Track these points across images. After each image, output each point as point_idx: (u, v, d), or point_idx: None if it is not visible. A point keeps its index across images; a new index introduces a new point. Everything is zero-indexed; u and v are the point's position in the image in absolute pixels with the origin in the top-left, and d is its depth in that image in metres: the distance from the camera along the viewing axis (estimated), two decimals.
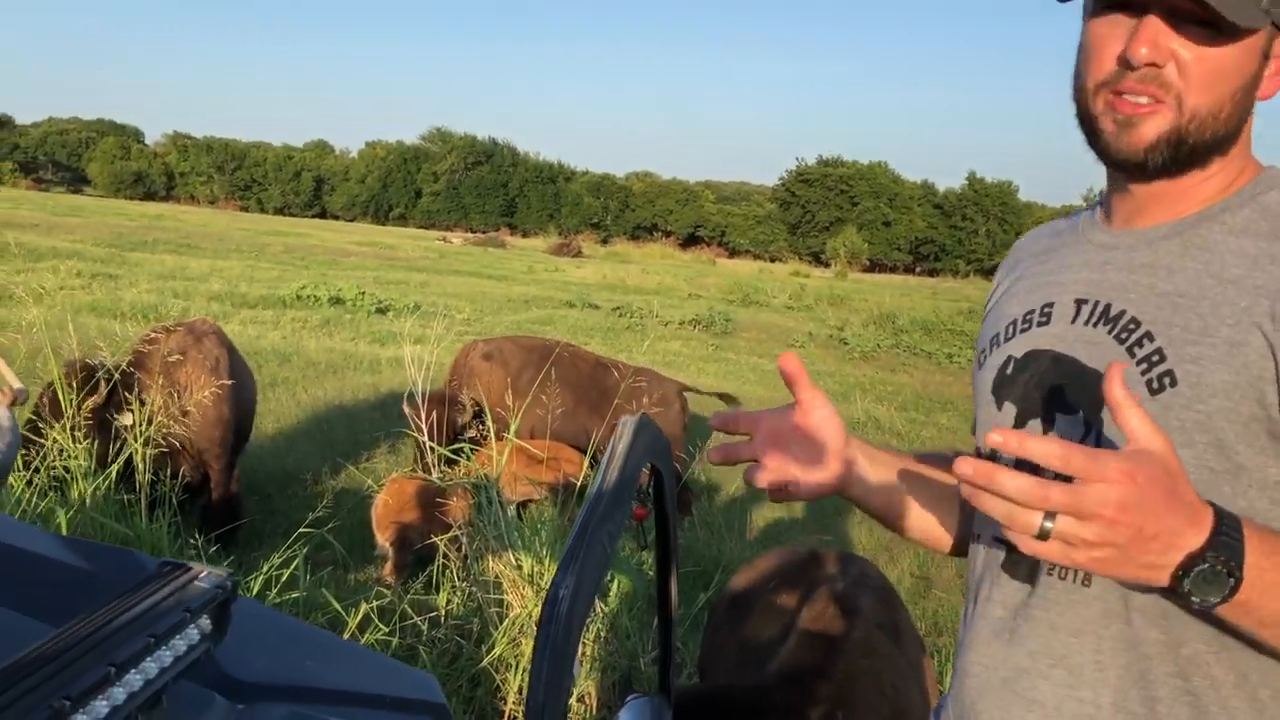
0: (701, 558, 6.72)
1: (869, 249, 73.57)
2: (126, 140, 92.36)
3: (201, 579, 0.93)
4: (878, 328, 23.36)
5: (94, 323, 12.07)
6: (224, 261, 26.00)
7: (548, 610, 1.32)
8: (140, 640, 0.81)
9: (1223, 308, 1.30)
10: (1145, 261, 1.42)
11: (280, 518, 6.93)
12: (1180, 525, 1.09)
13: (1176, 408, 1.30)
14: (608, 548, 1.54)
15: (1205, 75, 1.32)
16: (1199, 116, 1.34)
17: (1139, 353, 1.35)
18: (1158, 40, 1.32)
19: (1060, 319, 1.48)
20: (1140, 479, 1.06)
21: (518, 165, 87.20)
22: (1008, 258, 1.78)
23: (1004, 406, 1.52)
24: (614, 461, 1.60)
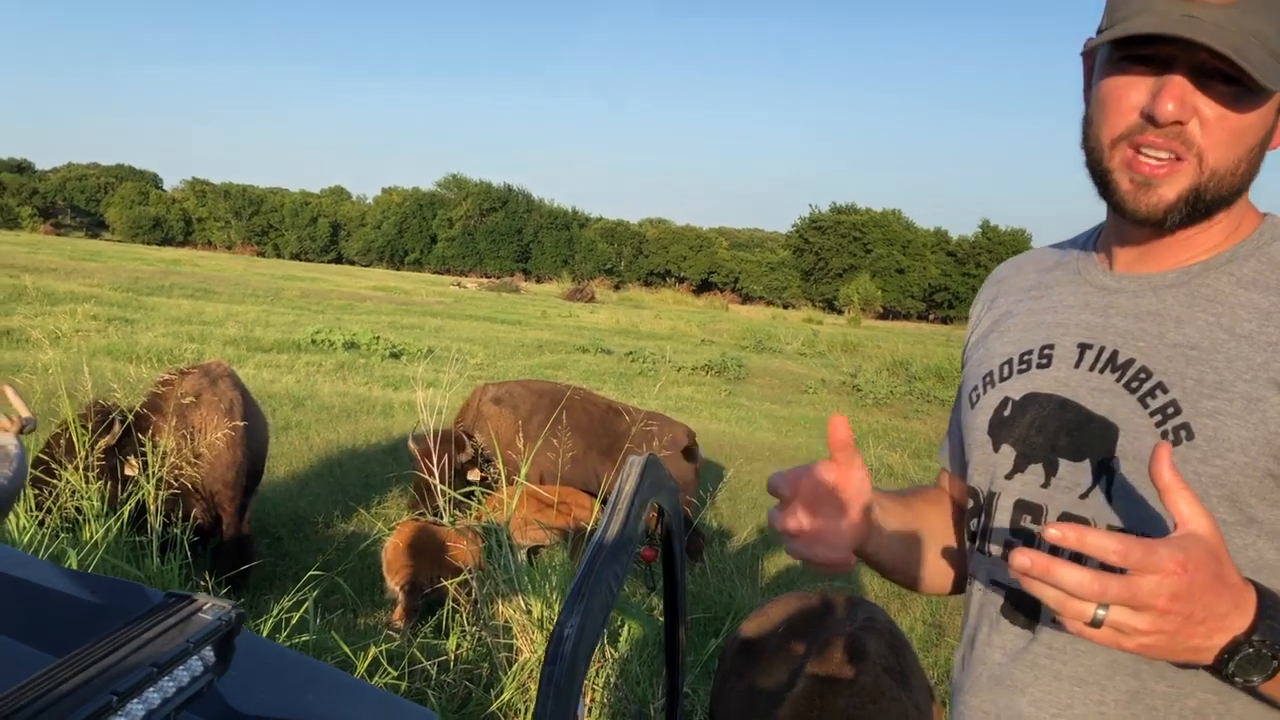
0: (713, 604, 6.69)
1: (882, 296, 73.63)
2: (145, 186, 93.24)
3: (206, 610, 0.94)
4: (891, 374, 23.32)
5: (109, 366, 12.13)
6: (240, 306, 26.13)
7: (552, 649, 1.33)
8: (143, 670, 0.82)
9: (1237, 362, 1.30)
10: (1152, 309, 1.41)
11: (291, 560, 6.93)
12: (1226, 609, 1.11)
13: (1193, 461, 1.29)
14: (614, 588, 1.55)
15: (1227, 134, 1.32)
16: (1218, 174, 1.33)
17: (1152, 404, 1.34)
18: (1184, 98, 1.30)
19: (1062, 362, 1.47)
20: (1191, 568, 1.07)
21: (532, 211, 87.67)
22: (985, 289, 1.75)
23: (1001, 449, 1.51)
24: (620, 501, 1.61)
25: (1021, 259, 1.73)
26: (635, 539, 1.61)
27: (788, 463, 12.52)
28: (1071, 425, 1.42)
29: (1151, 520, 1.32)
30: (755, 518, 9.70)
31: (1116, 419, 1.37)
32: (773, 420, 16.26)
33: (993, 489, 1.51)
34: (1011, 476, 1.48)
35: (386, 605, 6.22)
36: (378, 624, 5.95)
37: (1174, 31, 1.27)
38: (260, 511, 7.61)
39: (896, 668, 2.89)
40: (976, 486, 1.56)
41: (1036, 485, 1.45)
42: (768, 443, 13.73)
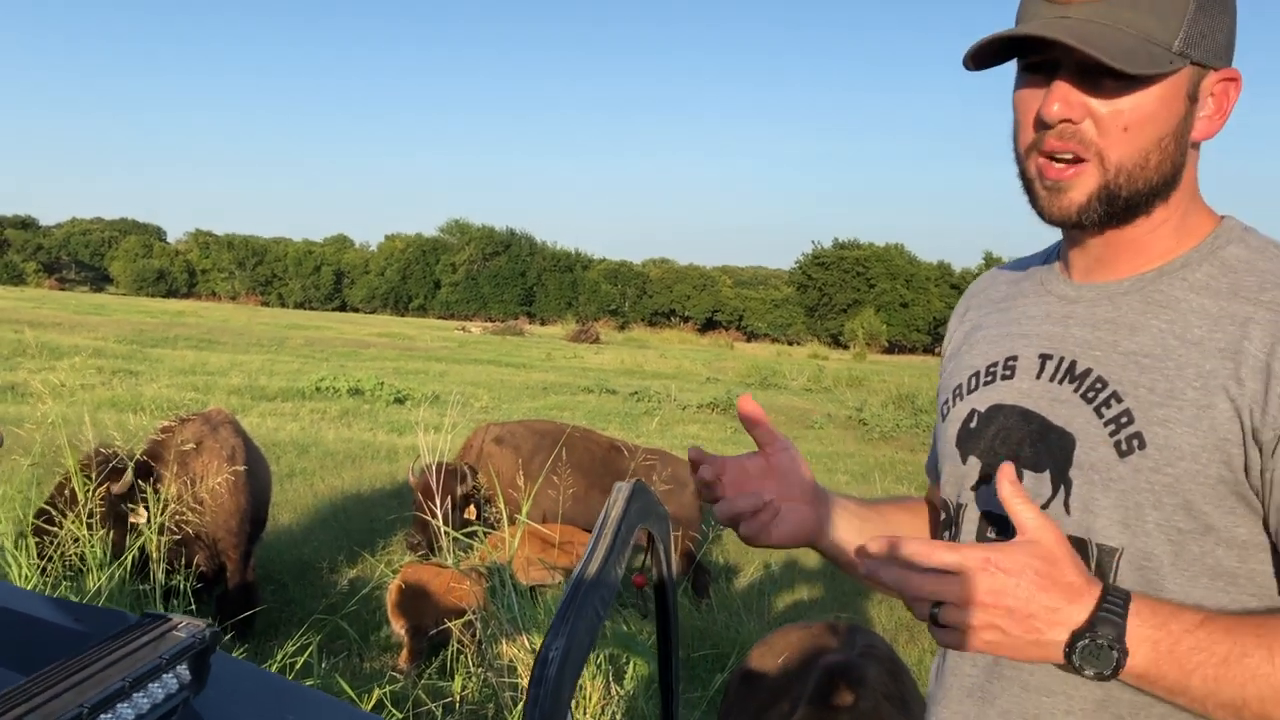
0: (720, 640, 6.66)
1: (887, 330, 73.62)
2: (148, 239, 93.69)
3: (180, 629, 0.95)
4: (897, 408, 23.26)
5: (113, 418, 12.13)
6: (244, 356, 26.22)
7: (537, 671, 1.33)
8: (115, 684, 0.83)
9: (1187, 369, 1.31)
10: (1108, 318, 1.42)
11: (296, 606, 6.92)
12: (1058, 603, 1.18)
13: (1145, 470, 1.30)
14: (600, 612, 1.55)
15: (1123, 127, 1.33)
16: (1124, 168, 1.34)
17: (1107, 413, 1.35)
18: (1069, 98, 1.33)
19: (1025, 374, 1.48)
20: (1001, 565, 1.18)
21: (535, 254, 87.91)
22: (960, 304, 1.76)
23: (968, 460, 1.51)
24: (606, 526, 1.62)
25: (994, 272, 1.74)
26: (622, 564, 1.62)
27: None
28: (1034, 436, 1.42)
29: (1105, 530, 1.33)
30: (762, 553, 9.67)
31: (1074, 429, 1.38)
32: None
33: (960, 500, 1.53)
34: (977, 488, 1.49)
35: (392, 648, 6.21)
36: (383, 667, 5.94)
37: (1031, 33, 1.30)
38: (265, 558, 7.61)
39: (896, 694, 2.88)
40: (947, 498, 1.57)
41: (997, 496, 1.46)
42: None
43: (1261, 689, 1.15)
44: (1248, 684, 1.16)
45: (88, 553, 5.30)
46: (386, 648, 6.27)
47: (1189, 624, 1.18)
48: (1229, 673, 1.16)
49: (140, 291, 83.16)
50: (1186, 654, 1.17)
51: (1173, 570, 1.30)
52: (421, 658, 5.93)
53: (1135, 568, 1.32)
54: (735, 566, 9.27)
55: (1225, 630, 1.18)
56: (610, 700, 4.91)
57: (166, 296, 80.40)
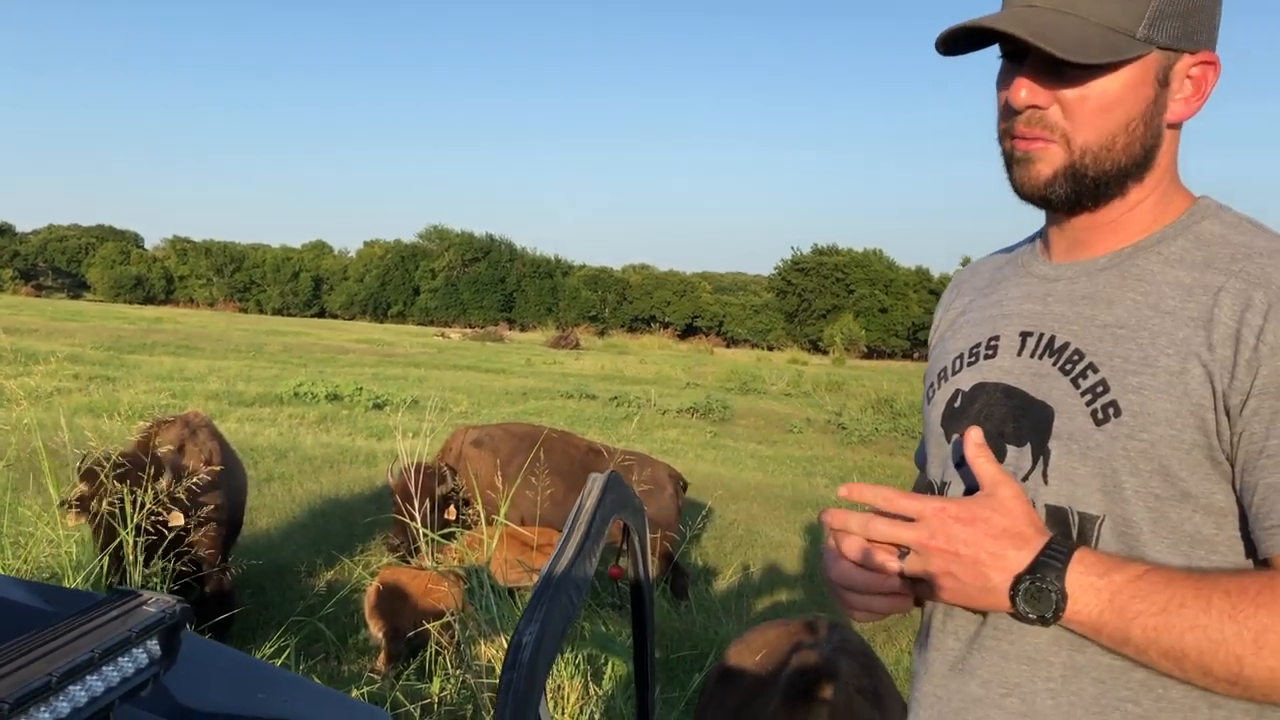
0: (699, 640, 6.68)
1: (866, 335, 73.73)
2: (126, 245, 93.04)
3: (150, 604, 0.96)
4: (875, 412, 23.33)
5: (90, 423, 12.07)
6: (222, 361, 26.09)
7: (510, 656, 1.34)
8: (83, 655, 0.83)
9: (1161, 338, 1.34)
10: (1085, 293, 1.46)
11: (274, 610, 6.90)
12: (1005, 550, 1.27)
13: (1121, 437, 1.33)
14: (574, 599, 1.56)
15: (1089, 112, 1.37)
16: (1090, 150, 1.39)
17: (1083, 384, 1.38)
18: (1034, 85, 1.38)
19: (1007, 352, 1.51)
20: (956, 514, 1.29)
21: (515, 260, 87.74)
22: (946, 293, 1.81)
23: (953, 439, 1.54)
24: (580, 516, 1.63)
25: (979, 262, 1.79)
26: (597, 553, 1.63)
27: (773, 501, 12.54)
28: (1016, 411, 1.45)
29: (1085, 498, 1.36)
30: (740, 555, 9.70)
31: (1052, 401, 1.41)
32: (758, 460, 16.28)
33: (945, 479, 1.55)
34: (961, 465, 1.51)
35: (370, 651, 6.19)
36: (361, 669, 5.93)
37: (987, 25, 1.36)
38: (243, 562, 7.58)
39: (870, 689, 2.90)
40: (932, 478, 1.60)
41: None
42: (753, 482, 13.73)
43: (1199, 640, 1.19)
44: (1186, 634, 1.19)
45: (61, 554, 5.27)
46: (365, 650, 6.26)
47: (1131, 574, 1.23)
48: (1168, 622, 1.20)
49: (117, 298, 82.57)
50: (1127, 602, 1.22)
51: (1152, 537, 1.33)
52: (400, 660, 5.93)
53: (1116, 535, 1.34)
54: (714, 568, 9.28)
55: (1165, 581, 1.22)
56: (589, 700, 4.92)
57: (144, 303, 79.85)
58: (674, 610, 7.49)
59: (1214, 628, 1.18)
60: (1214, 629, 1.18)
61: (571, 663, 5.02)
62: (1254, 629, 1.17)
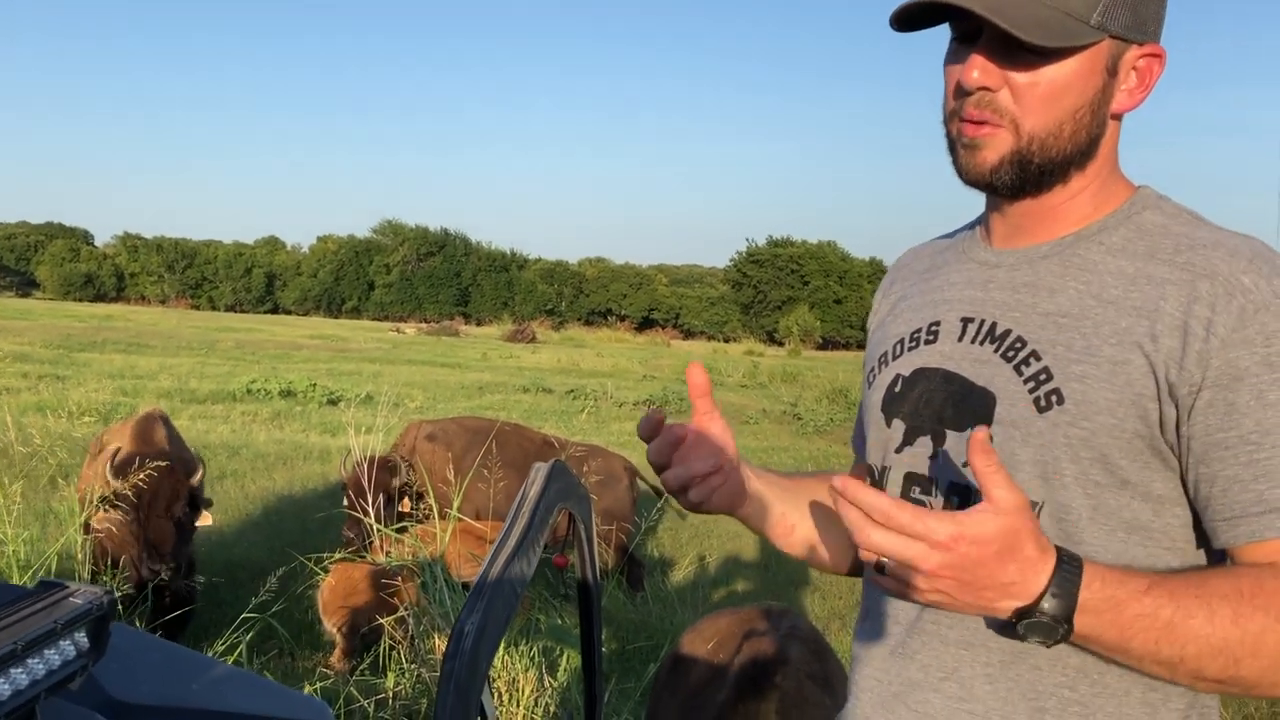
0: (654, 631, 6.69)
1: (821, 327, 74.04)
2: (75, 242, 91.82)
3: (77, 596, 0.95)
4: (831, 402, 23.45)
5: (39, 422, 11.94)
6: (174, 359, 25.83)
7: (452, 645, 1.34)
8: (4, 647, 0.82)
9: (1104, 327, 1.35)
10: (1027, 280, 1.46)
11: (227, 608, 6.81)
12: (1014, 577, 1.18)
13: (1063, 425, 1.34)
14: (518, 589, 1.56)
15: (1038, 98, 1.36)
16: (1037, 137, 1.38)
17: (1026, 371, 1.39)
18: (987, 66, 1.36)
19: (947, 337, 1.51)
20: (964, 543, 1.15)
21: (470, 254, 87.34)
22: (886, 278, 1.81)
23: (893, 424, 1.54)
24: (524, 505, 1.63)
25: (919, 247, 1.78)
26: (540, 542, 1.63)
27: None
28: (956, 397, 1.46)
29: (1025, 484, 1.35)
30: (696, 546, 9.73)
31: (994, 388, 1.42)
32: None
33: (885, 463, 1.55)
34: (901, 450, 1.52)
35: (324, 647, 6.16)
36: (315, 666, 5.89)
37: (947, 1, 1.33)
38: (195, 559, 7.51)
39: (820, 674, 2.92)
40: (872, 463, 1.60)
41: (925, 457, 1.48)
42: None
43: (1200, 647, 1.19)
44: (1188, 644, 1.20)
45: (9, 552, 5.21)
46: (319, 646, 6.22)
47: (1136, 591, 1.21)
48: (1171, 635, 1.20)
49: (67, 296, 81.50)
50: (1130, 621, 1.20)
51: (1090, 523, 1.34)
52: (355, 655, 5.89)
53: (1054, 520, 1.35)
54: (670, 559, 9.31)
55: (1170, 595, 1.21)
56: (543, 692, 4.92)
57: (95, 300, 78.84)
58: (629, 601, 7.51)
59: (1218, 636, 1.19)
60: (1217, 638, 1.19)
61: (526, 655, 5.02)
62: (1254, 632, 1.18)
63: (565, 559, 1.81)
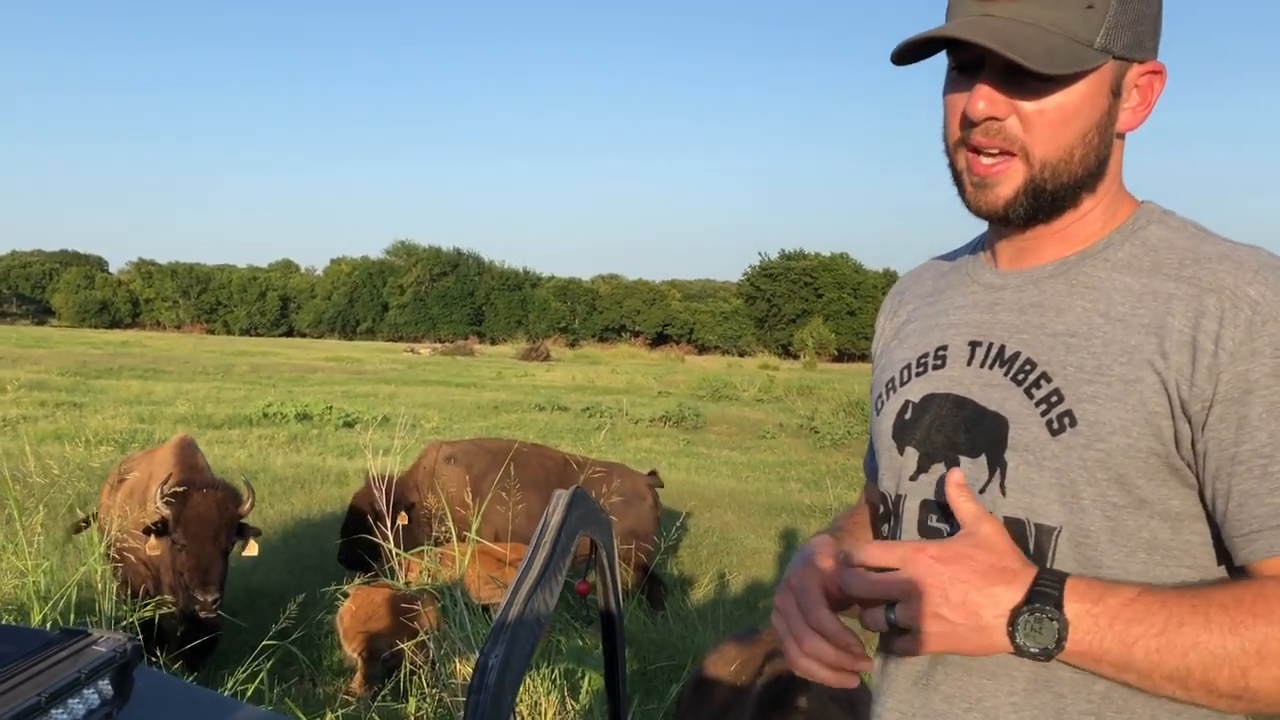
0: (676, 651, 6.66)
1: (836, 339, 74.00)
2: (90, 270, 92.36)
3: (100, 644, 0.94)
4: (847, 415, 23.40)
5: (57, 450, 11.98)
6: (190, 384, 25.92)
7: (476, 679, 1.33)
8: (29, 700, 0.82)
9: (1113, 346, 1.33)
10: (1034, 301, 1.44)
11: (247, 634, 6.82)
12: (992, 585, 1.23)
13: (1078, 447, 1.32)
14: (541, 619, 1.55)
15: (1048, 124, 1.35)
16: (1050, 164, 1.37)
17: (1037, 394, 1.37)
18: (993, 96, 1.35)
19: (956, 361, 1.50)
20: (939, 556, 1.24)
21: (483, 274, 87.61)
22: (888, 301, 1.78)
23: (905, 451, 1.52)
24: (546, 533, 1.61)
25: (920, 268, 1.76)
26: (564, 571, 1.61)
27: (748, 508, 12.54)
28: (968, 422, 1.44)
29: (1043, 509, 1.35)
30: (716, 563, 9.70)
31: (1006, 411, 1.40)
32: (732, 467, 16.30)
33: (900, 491, 1.53)
34: (916, 477, 1.50)
35: (345, 673, 6.15)
36: (336, 691, 5.88)
37: (950, 34, 1.33)
38: None
39: (843, 695, 2.90)
40: (886, 491, 1.58)
41: (940, 484, 1.46)
42: (727, 489, 13.74)
43: (1203, 656, 1.17)
44: (1189, 652, 1.18)
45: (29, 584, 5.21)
46: (340, 672, 6.22)
47: (1125, 598, 1.21)
48: (1170, 642, 1.18)
49: (83, 323, 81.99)
50: (1125, 627, 1.19)
51: (1110, 545, 1.32)
52: (376, 680, 5.88)
53: (1073, 545, 1.33)
54: (689, 577, 9.28)
55: (1160, 602, 1.20)
56: (565, 714, 4.90)
57: (110, 327, 79.33)
58: (650, 621, 7.48)
59: (1216, 643, 1.17)
60: (1216, 644, 1.17)
61: (548, 678, 5.00)
62: (1256, 640, 1.17)
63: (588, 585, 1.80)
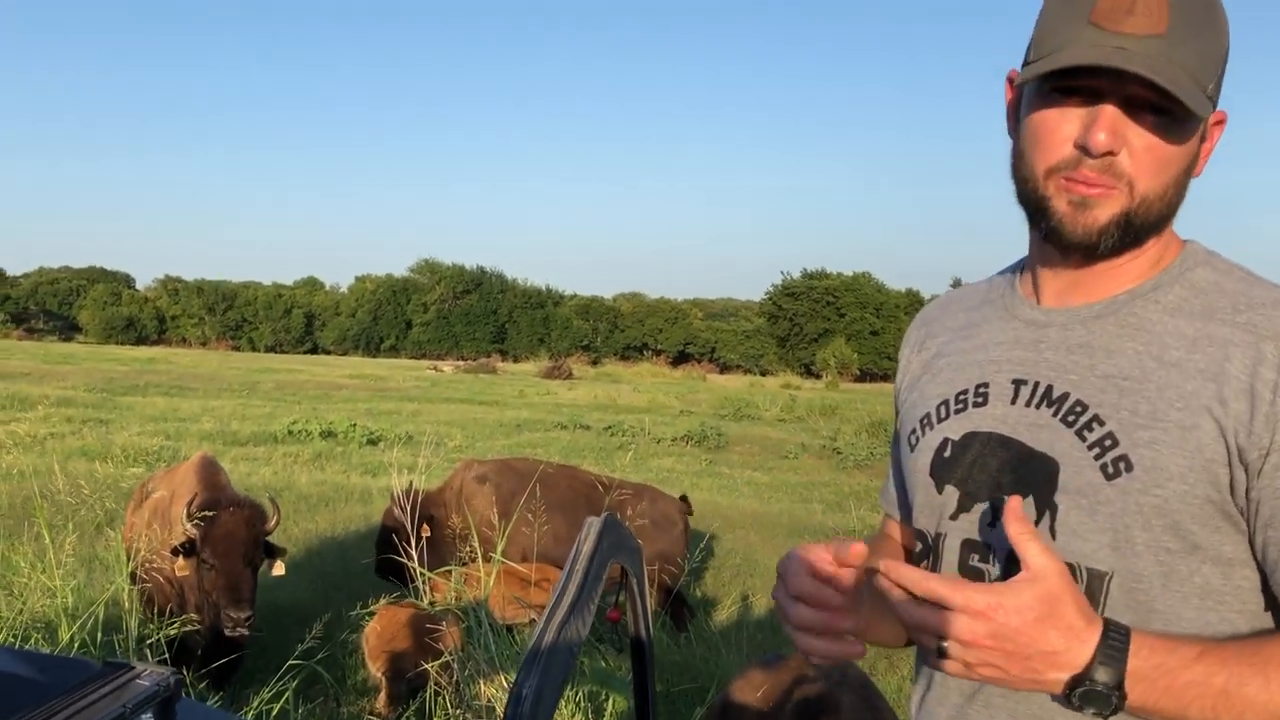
0: (699, 673, 6.64)
1: (859, 359, 73.76)
2: (117, 286, 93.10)
3: (144, 677, 0.95)
4: (870, 436, 23.32)
5: (84, 467, 12.06)
6: (216, 401, 26.05)
7: (510, 709, 1.33)
8: None
9: (1168, 391, 1.32)
10: (1081, 341, 1.42)
11: (272, 653, 6.83)
12: (1057, 646, 1.19)
13: (1134, 492, 1.31)
14: (574, 648, 1.55)
15: (1155, 162, 1.34)
16: (1148, 200, 1.35)
17: (1089, 436, 1.35)
18: (1116, 128, 1.32)
19: (999, 400, 1.47)
20: (1004, 612, 1.18)
21: (506, 292, 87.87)
22: (912, 332, 1.75)
23: (945, 490, 1.50)
24: (578, 562, 1.61)
25: (946, 299, 1.74)
26: (595, 600, 1.61)
27: (771, 529, 12.50)
28: (1014, 463, 1.42)
29: (1095, 554, 1.34)
30: (739, 585, 9.67)
31: (1056, 454, 1.38)
32: (754, 487, 16.26)
33: (939, 530, 1.51)
34: (957, 517, 1.48)
35: (370, 692, 6.15)
36: (360, 711, 5.88)
37: (1109, 63, 1.28)
38: None
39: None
40: (923, 529, 1.56)
41: (984, 524, 1.45)
42: (750, 510, 13.70)
43: (1258, 715, 1.17)
44: (1245, 712, 1.17)
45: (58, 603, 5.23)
46: (364, 692, 6.21)
47: (1186, 658, 1.19)
48: (1227, 703, 1.17)
49: (109, 339, 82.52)
50: (1183, 688, 1.18)
51: (1163, 591, 1.31)
52: (400, 701, 5.88)
53: (1125, 590, 1.32)
54: (713, 599, 9.25)
55: (1222, 663, 1.19)
56: None
57: (136, 344, 79.78)
58: (674, 642, 7.46)
59: (1275, 704, 1.17)
60: (1275, 704, 1.17)
61: (572, 700, 4.99)
62: None
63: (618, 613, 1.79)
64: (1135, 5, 1.30)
